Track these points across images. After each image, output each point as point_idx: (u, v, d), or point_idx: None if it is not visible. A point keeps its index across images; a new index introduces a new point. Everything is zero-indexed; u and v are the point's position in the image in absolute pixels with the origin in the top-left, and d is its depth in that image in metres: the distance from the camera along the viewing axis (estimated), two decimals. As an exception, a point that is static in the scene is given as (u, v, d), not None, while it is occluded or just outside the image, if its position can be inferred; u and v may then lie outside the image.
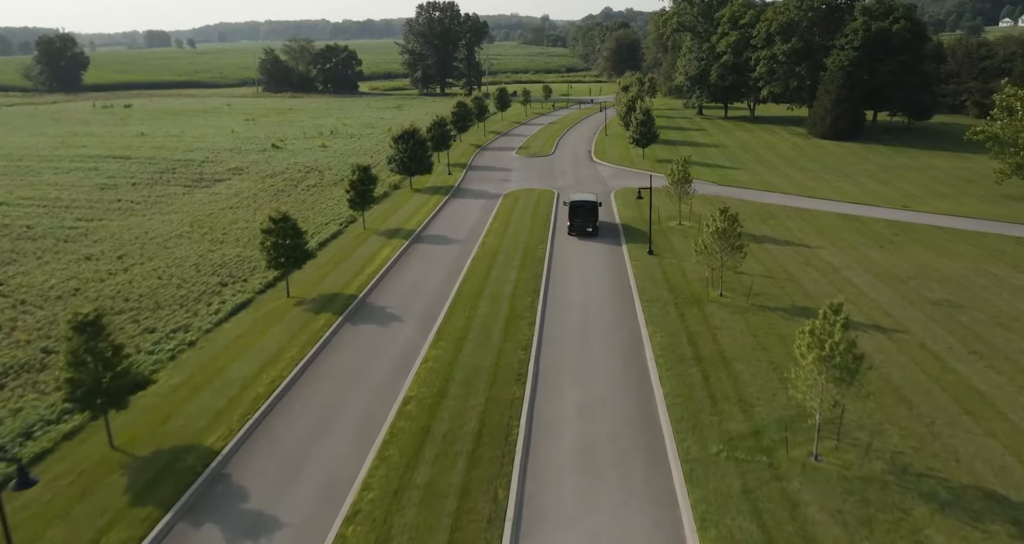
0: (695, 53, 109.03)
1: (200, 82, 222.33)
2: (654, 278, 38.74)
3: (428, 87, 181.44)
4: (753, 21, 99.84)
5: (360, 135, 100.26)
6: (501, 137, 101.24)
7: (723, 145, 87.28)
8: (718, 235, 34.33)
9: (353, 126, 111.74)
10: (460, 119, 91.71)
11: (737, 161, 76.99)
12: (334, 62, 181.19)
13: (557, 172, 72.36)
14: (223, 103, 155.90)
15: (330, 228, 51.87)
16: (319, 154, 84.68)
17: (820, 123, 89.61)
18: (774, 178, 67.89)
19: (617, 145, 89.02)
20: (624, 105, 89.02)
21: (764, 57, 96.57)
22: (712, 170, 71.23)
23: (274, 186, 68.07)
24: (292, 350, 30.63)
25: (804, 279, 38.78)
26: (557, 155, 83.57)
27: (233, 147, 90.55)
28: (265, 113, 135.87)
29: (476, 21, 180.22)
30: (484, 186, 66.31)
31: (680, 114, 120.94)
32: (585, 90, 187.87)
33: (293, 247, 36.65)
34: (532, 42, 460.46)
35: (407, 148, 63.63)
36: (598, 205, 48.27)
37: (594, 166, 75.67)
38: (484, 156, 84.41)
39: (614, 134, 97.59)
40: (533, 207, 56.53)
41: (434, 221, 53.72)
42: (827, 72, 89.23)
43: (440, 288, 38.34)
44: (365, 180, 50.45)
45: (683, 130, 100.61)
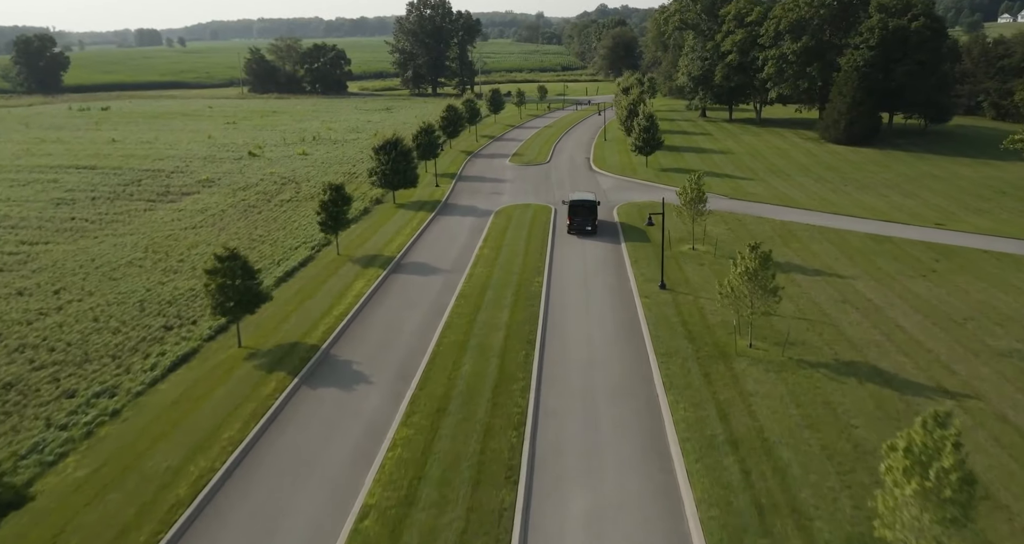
0: (698, 52, 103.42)
1: (185, 82, 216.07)
2: (669, 321, 33.13)
3: (419, 87, 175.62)
4: (760, 19, 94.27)
5: (344, 141, 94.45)
6: (494, 142, 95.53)
7: (731, 151, 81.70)
8: (748, 277, 28.73)
9: (338, 130, 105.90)
10: (450, 124, 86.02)
11: (748, 170, 71.41)
12: (322, 62, 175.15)
13: (554, 183, 66.71)
14: (205, 105, 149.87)
15: (300, 253, 46.13)
16: (298, 163, 78.86)
17: (834, 127, 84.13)
18: (790, 190, 62.32)
19: (618, 151, 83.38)
20: (625, 109, 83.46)
21: (772, 57, 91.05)
22: (722, 181, 65.65)
23: (245, 201, 62.33)
24: (232, 427, 24.96)
25: (843, 321, 33.22)
26: (553, 163, 77.92)
27: (207, 155, 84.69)
28: (247, 116, 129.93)
29: (469, 19, 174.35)
30: (474, 201, 60.63)
31: (682, 116, 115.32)
32: (581, 90, 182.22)
33: (244, 289, 30.94)
34: (527, 40, 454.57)
35: (389, 160, 57.92)
36: (596, 204, 49.01)
37: (594, 176, 70.02)
38: (475, 164, 78.71)
39: (614, 139, 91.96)
40: (528, 227, 50.86)
41: (417, 245, 48.02)
42: (841, 73, 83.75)
43: (418, 336, 32.68)
44: (338, 200, 44.74)
45: (687, 134, 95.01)
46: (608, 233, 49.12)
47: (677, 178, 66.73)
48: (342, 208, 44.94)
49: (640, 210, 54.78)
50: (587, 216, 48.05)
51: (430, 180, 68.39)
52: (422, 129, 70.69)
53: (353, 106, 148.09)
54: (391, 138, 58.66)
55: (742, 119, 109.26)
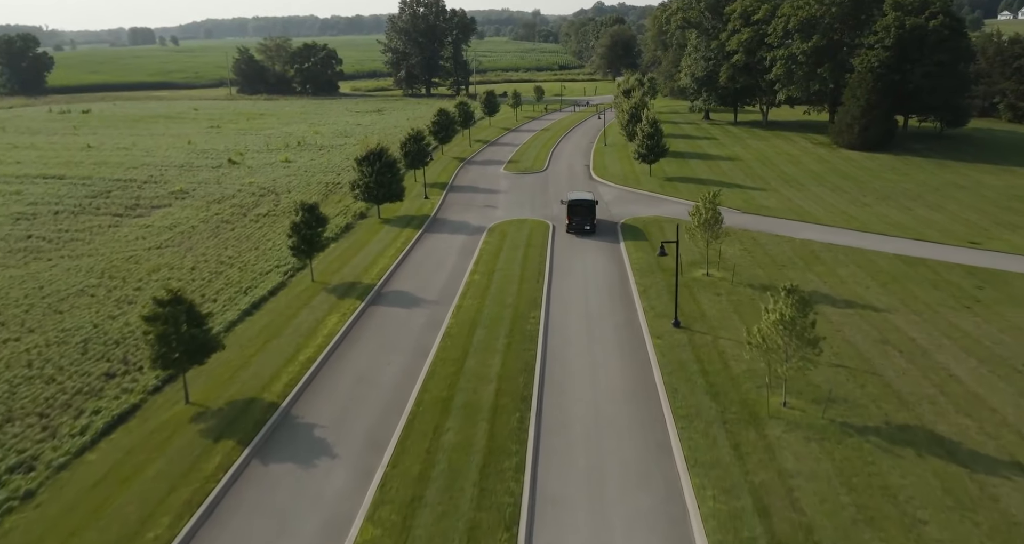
0: (702, 52, 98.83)
1: (173, 83, 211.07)
2: (686, 371, 28.61)
3: (413, 88, 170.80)
4: (768, 17, 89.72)
5: (331, 147, 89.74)
6: (488, 147, 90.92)
7: (738, 158, 77.16)
8: (784, 326, 24.22)
9: (326, 134, 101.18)
10: (441, 129, 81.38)
11: (758, 179, 66.88)
12: (312, 62, 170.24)
13: (552, 195, 62.13)
14: (190, 107, 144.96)
15: (271, 280, 41.53)
16: (280, 172, 74.19)
17: (847, 131, 79.63)
18: (806, 202, 57.80)
19: (619, 158, 78.83)
20: (626, 113, 78.92)
21: (781, 57, 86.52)
22: (732, 192, 61.13)
23: (219, 215, 57.71)
24: (159, 523, 20.41)
25: (887, 369, 28.74)
26: (551, 171, 73.35)
27: (185, 163, 79.97)
28: (233, 119, 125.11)
29: (463, 17, 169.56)
30: (465, 215, 56.03)
31: (685, 119, 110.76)
32: (579, 90, 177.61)
33: (189, 338, 26.38)
34: (523, 38, 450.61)
35: (373, 172, 53.31)
36: (595, 203, 49.62)
37: (594, 186, 65.45)
38: (468, 173, 74.10)
39: (615, 144, 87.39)
40: (523, 247, 46.29)
41: (401, 269, 43.43)
42: (854, 74, 79.26)
43: (395, 389, 28.14)
44: (311, 222, 40.11)
45: (691, 139, 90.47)
46: (612, 255, 44.57)
47: (684, 188, 62.26)
48: (316, 231, 40.34)
49: (646, 226, 50.24)
50: (586, 215, 48.85)
51: (419, 191, 63.76)
52: (411, 136, 66.05)
53: (344, 108, 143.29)
54: (375, 148, 54.03)
55: (747, 121, 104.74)
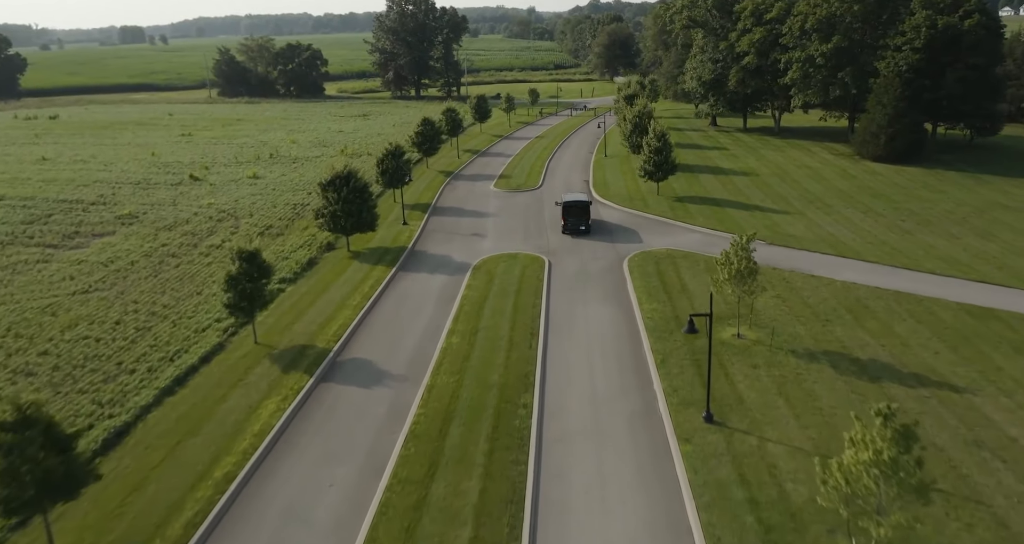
0: (709, 54, 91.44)
1: (154, 85, 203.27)
2: (729, 500, 21.28)
3: (402, 89, 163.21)
4: (782, 15, 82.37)
5: (305, 159, 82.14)
6: (478, 158, 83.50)
7: (754, 172, 69.81)
8: (880, 469, 16.88)
9: (302, 144, 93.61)
10: (426, 140, 73.97)
11: (779, 199, 59.55)
12: (296, 62, 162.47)
13: (548, 220, 54.76)
14: (165, 112, 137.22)
15: (206, 340, 34.16)
16: (244, 190, 66.67)
17: (872, 142, 72.37)
18: (839, 229, 50.46)
19: (622, 172, 71.49)
20: (630, 122, 71.51)
21: (797, 59, 79.18)
22: (752, 216, 53.83)
23: (166, 247, 50.25)
24: None
25: (995, 492, 21.48)
26: (546, 189, 65.96)
27: (142, 179, 72.40)
28: (208, 125, 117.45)
29: (454, 15, 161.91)
30: (448, 247, 48.63)
31: (690, 125, 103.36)
32: (576, 91, 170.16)
33: (45, 470, 18.97)
34: (518, 36, 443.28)
35: (339, 199, 45.84)
36: (589, 204, 50.49)
37: (595, 208, 58.09)
38: (454, 190, 66.67)
39: (616, 155, 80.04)
40: (514, 294, 38.91)
41: (365, 325, 36.00)
42: (879, 79, 72.00)
43: (333, 531, 20.73)
44: (253, 274, 32.66)
45: (699, 149, 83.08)
46: (620, 305, 37.17)
47: (698, 212, 54.94)
48: (259, 284, 32.88)
49: (659, 264, 42.85)
50: (580, 216, 49.74)
51: (397, 215, 56.28)
52: (389, 152, 58.69)
53: (327, 112, 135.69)
54: (341, 172, 46.52)
55: (758, 128, 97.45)
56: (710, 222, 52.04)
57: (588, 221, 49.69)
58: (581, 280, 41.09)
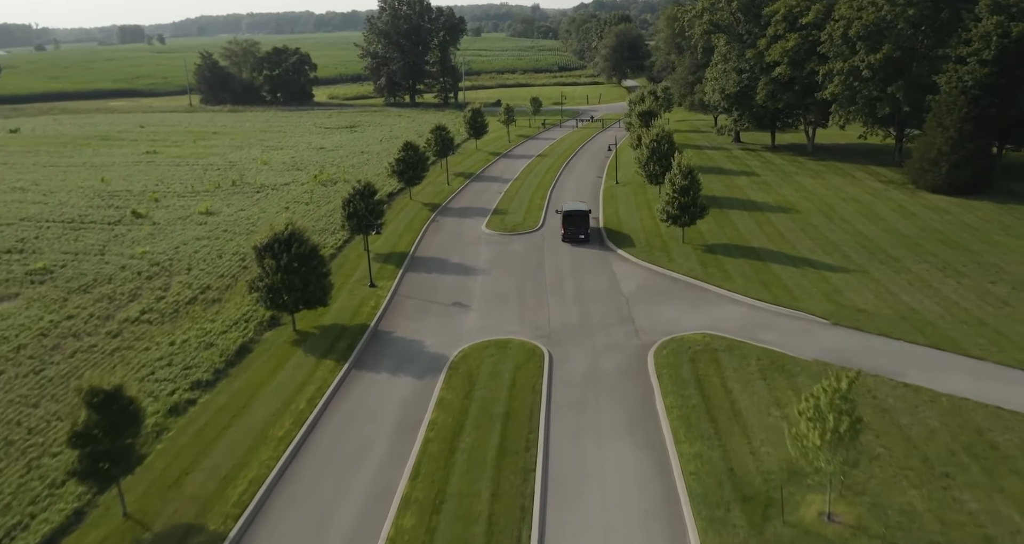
0: (733, 63, 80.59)
1: (137, 90, 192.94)
2: None
3: (396, 96, 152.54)
4: (820, 20, 71.51)
5: (272, 187, 71.59)
6: (471, 184, 72.99)
7: (793, 207, 59.04)
8: None
9: (275, 166, 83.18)
10: (408, 168, 63.47)
11: (831, 247, 48.79)
12: (282, 67, 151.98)
13: (549, 281, 44.20)
14: (138, 123, 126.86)
15: (57, 508, 23.71)
16: (191, 232, 56.28)
17: (931, 170, 61.62)
18: (918, 297, 39.69)
19: (636, 205, 60.94)
20: (647, 147, 60.76)
21: (839, 71, 68.31)
22: (803, 275, 43.14)
23: (71, 321, 40.02)
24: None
25: None
26: (548, 230, 55.41)
27: (78, 216, 62.05)
28: (179, 139, 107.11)
29: (451, 16, 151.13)
30: (421, 326, 38.13)
31: (711, 141, 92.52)
32: (581, 96, 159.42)
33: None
34: (521, 34, 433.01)
35: (279, 269, 35.36)
36: (588, 212, 51.32)
37: (607, 261, 47.56)
38: (438, 232, 56.16)
39: (629, 182, 69.41)
40: (501, 420, 28.36)
41: (283, 485, 25.43)
42: (939, 96, 61.18)
43: None
44: (112, 425, 22.11)
45: (724, 174, 72.31)
46: (650, 449, 26.55)
47: (734, 268, 44.34)
48: (123, 439, 22.37)
49: (695, 363, 32.26)
50: (580, 225, 50.76)
51: (364, 272, 45.70)
52: (357, 191, 48.30)
53: (313, 122, 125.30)
54: (282, 233, 35.98)
55: (788, 145, 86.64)
56: (753, 286, 41.43)
57: (587, 230, 51.06)
58: (592, 390, 30.57)
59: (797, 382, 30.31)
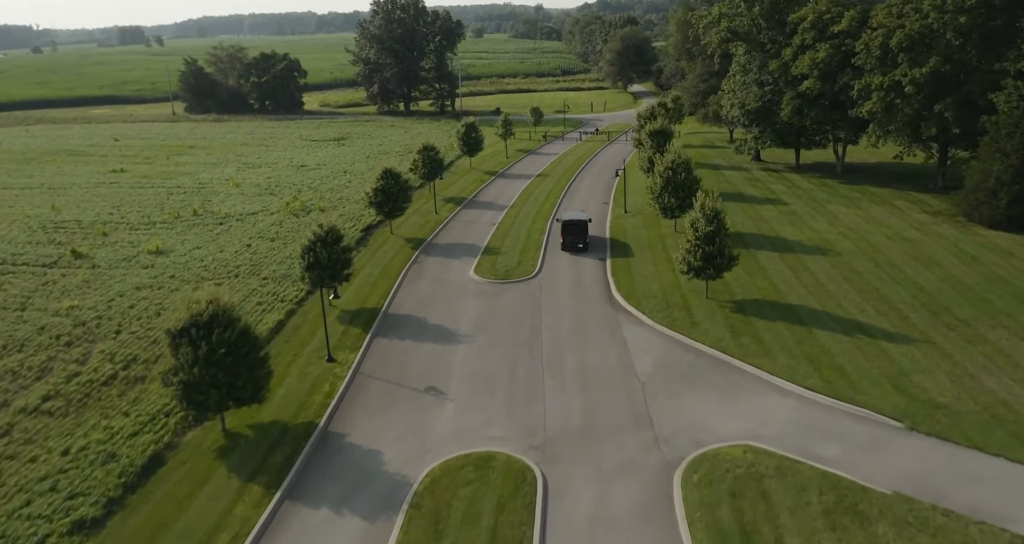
0: (754, 75, 72.55)
1: (122, 97, 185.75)
2: None
3: (391, 103, 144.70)
4: (855, 28, 63.52)
5: (238, 218, 63.75)
6: (461, 212, 65.13)
7: (831, 247, 50.93)
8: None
9: (247, 188, 75.43)
10: (388, 199, 55.65)
11: (884, 305, 40.73)
12: (270, 74, 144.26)
13: (546, 353, 36.34)
14: (113, 136, 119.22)
15: None
16: (132, 279, 48.46)
17: (989, 202, 53.70)
18: (1006, 384, 31.64)
19: (648, 243, 53.02)
20: (660, 176, 52.73)
21: (878, 86, 60.28)
22: (856, 346, 35.15)
23: (-49, 411, 32.04)
24: None
25: None
26: (546, 278, 47.49)
27: (10, 256, 54.37)
28: (152, 155, 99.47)
29: (447, 20, 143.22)
30: (382, 426, 30.23)
31: (728, 160, 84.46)
32: (585, 103, 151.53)
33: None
34: (524, 35, 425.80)
35: (197, 359, 27.43)
36: (587, 222, 52.10)
37: (616, 324, 39.66)
38: (418, 278, 48.24)
39: (639, 212, 61.50)
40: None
41: None
42: (998, 117, 53.17)
43: None
44: None
45: (746, 201, 64.28)
46: None
47: (771, 336, 36.40)
48: None
49: (735, 499, 24.31)
50: (579, 234, 51.58)
51: (318, 345, 37.68)
52: (319, 238, 40.47)
53: (299, 134, 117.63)
54: (200, 314, 28.05)
55: (812, 164, 78.62)
56: (799, 366, 33.48)
57: (586, 239, 51.76)
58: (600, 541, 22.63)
59: (878, 534, 22.37)
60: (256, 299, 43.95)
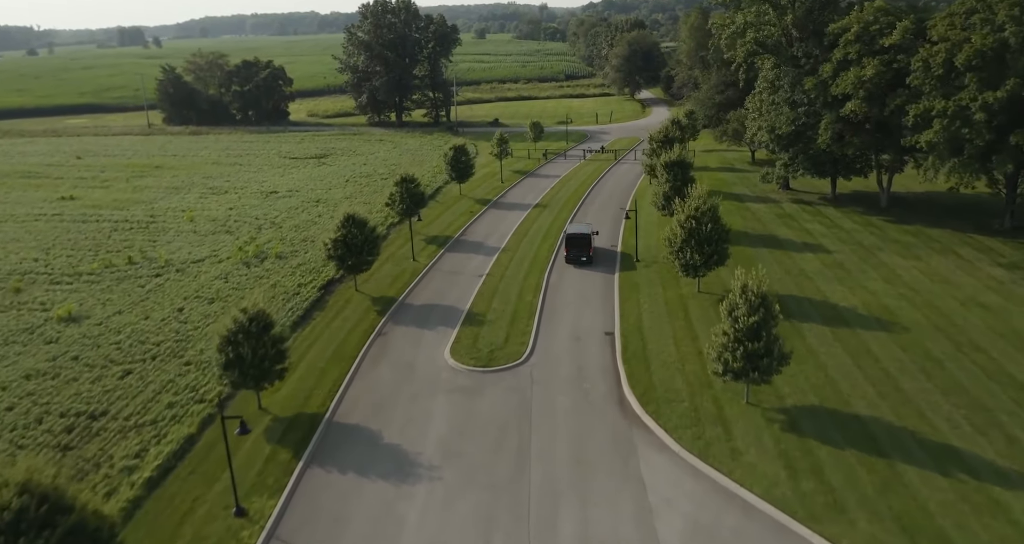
0: (785, 94, 62.64)
1: (104, 105, 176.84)
2: None
3: (381, 114, 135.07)
4: (908, 42, 53.58)
5: (179, 267, 54.01)
6: (443, 257, 55.46)
7: (894, 319, 41.02)
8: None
9: (202, 223, 65.96)
10: (351, 253, 45.99)
11: (977, 411, 30.92)
12: (254, 83, 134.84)
13: (534, 504, 26.67)
14: (76, 152, 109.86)
15: None
16: (21, 366, 38.84)
17: (1085, 259, 43.51)
18: None
19: (667, 310, 43.22)
20: (683, 227, 42.89)
21: (939, 111, 50.35)
22: (962, 496, 25.39)
23: None
24: None
25: None
26: (538, 365, 37.66)
27: None
28: (113, 176, 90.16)
29: (442, 25, 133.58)
30: None
31: (751, 188, 74.47)
32: (590, 112, 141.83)
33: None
34: (528, 36, 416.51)
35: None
36: (591, 235, 51.36)
37: (630, 448, 29.98)
38: (377, 365, 38.46)
39: (653, 262, 51.72)
40: None
41: None
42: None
43: None
44: None
45: (780, 247, 54.37)
46: None
47: (839, 470, 26.74)
48: None
49: None
50: (583, 248, 51.09)
51: (227, 484, 27.88)
52: (242, 327, 30.98)
53: (279, 149, 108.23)
54: (6, 503, 18.38)
55: (851, 195, 68.74)
56: (887, 535, 23.67)
57: (590, 252, 51.11)
58: None
59: None
60: (167, 399, 34.30)
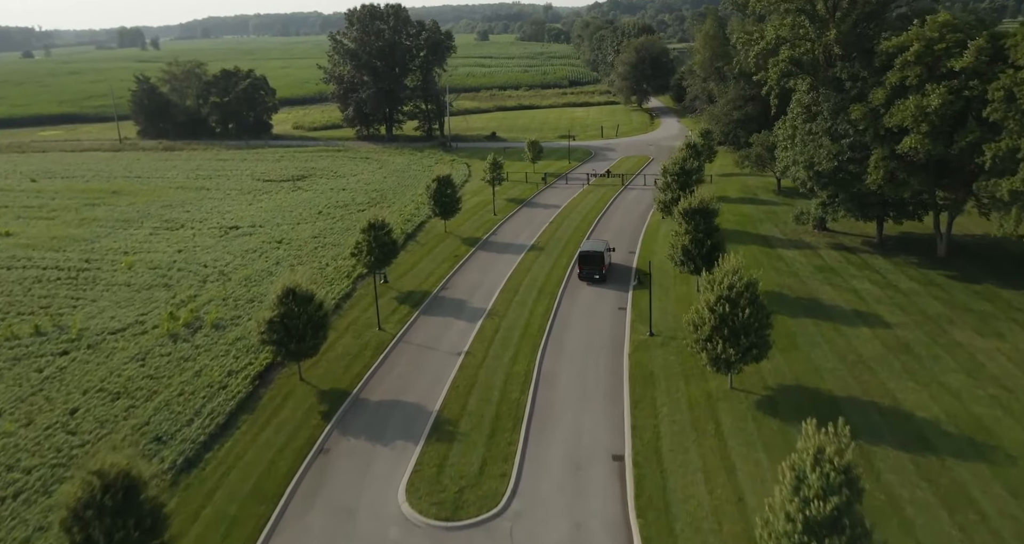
0: (826, 122, 52.73)
1: (82, 115, 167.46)
2: None
3: (370, 127, 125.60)
4: (983, 64, 43.64)
5: (92, 340, 44.36)
6: (415, 325, 45.77)
7: (991, 438, 31.32)
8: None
9: (141, 274, 56.48)
10: (292, 337, 36.29)
11: None
12: (233, 94, 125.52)
13: None
14: (33, 174, 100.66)
15: None
16: None
17: None
18: None
19: (691, 418, 33.59)
20: (709, 309, 33.27)
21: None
22: None
23: None
24: None
25: None
26: (520, 515, 28.01)
27: None
28: (64, 203, 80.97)
29: (435, 32, 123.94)
30: None
31: (780, 227, 64.42)
32: (594, 124, 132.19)
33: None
34: (532, 37, 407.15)
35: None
36: (604, 252, 50.43)
37: None
38: (308, 510, 28.87)
39: (672, 337, 41.96)
40: None
41: None
42: None
43: None
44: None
45: (827, 317, 44.43)
46: None
47: None
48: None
49: None
50: (596, 266, 50.01)
51: None
52: (90, 499, 21.35)
53: (253, 170, 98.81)
54: None
55: (899, 238, 58.85)
56: None
57: (603, 270, 49.92)
58: None
59: None
60: (6, 579, 24.80)
